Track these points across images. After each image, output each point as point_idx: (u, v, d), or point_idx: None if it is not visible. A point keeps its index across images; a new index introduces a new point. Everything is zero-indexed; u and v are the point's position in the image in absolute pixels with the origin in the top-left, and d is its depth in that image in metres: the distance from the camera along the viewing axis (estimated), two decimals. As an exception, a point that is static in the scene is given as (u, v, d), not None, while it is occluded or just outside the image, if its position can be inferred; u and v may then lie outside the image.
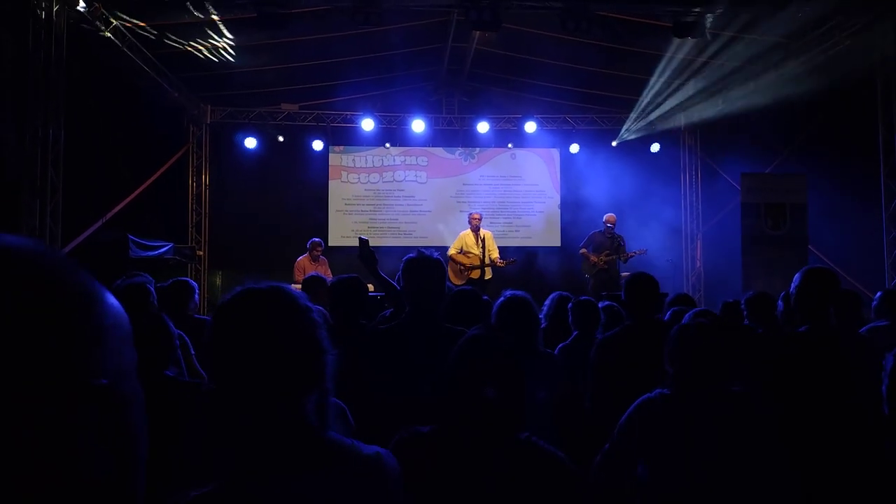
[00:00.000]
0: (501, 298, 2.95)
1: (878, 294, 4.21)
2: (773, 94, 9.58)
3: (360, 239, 3.40)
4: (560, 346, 3.78)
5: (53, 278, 0.46)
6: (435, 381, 1.73)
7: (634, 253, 8.81)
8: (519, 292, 2.98)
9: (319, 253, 8.91)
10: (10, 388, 0.42)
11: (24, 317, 0.43)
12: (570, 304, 4.05)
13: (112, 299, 0.50)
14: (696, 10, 7.43)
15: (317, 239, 9.01)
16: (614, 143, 11.82)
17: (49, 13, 6.91)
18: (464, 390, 1.63)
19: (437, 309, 2.52)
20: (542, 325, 3.47)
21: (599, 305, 4.03)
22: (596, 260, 8.91)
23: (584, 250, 9.17)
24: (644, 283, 3.24)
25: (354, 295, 3.32)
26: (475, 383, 1.61)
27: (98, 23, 7.52)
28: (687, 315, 3.02)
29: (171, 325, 2.63)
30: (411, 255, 2.52)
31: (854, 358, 2.60)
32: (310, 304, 1.19)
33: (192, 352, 3.59)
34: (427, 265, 2.48)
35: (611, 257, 8.84)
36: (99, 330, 0.48)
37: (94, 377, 0.46)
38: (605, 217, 9.22)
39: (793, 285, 2.70)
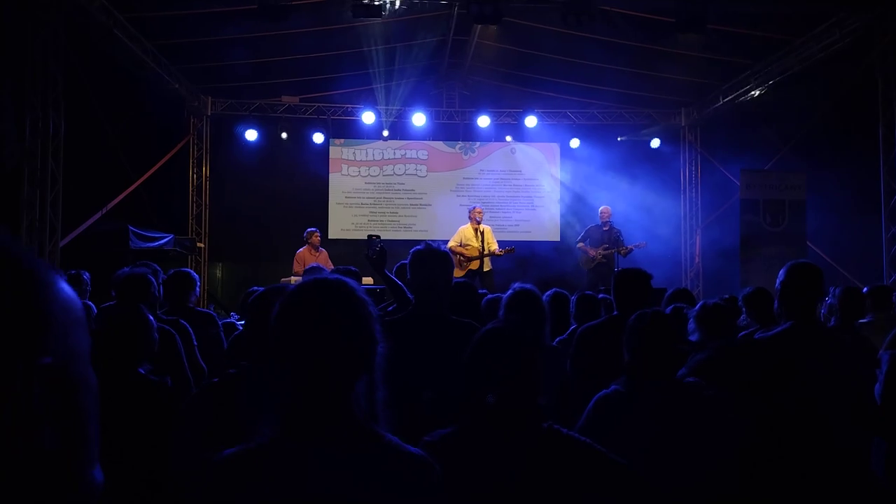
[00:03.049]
0: (510, 291, 2.96)
1: (865, 290, 4.24)
2: (773, 91, 9.59)
3: (370, 238, 3.30)
4: (557, 339, 3.81)
5: (2, 262, 0.49)
6: (455, 378, 1.74)
7: (633, 247, 8.79)
8: (527, 285, 3.00)
9: (318, 241, 8.88)
10: None
11: None
12: (573, 298, 4.07)
13: (63, 286, 0.53)
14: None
15: (313, 228, 8.98)
16: (620, 139, 11.83)
17: (49, 3, 6.89)
18: (483, 385, 1.65)
19: (444, 301, 2.51)
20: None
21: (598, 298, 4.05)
22: (595, 254, 8.91)
23: (581, 244, 9.17)
24: (632, 276, 3.26)
25: None
26: (494, 377, 1.63)
27: (98, 13, 7.51)
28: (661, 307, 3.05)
29: (151, 317, 2.51)
30: (419, 247, 2.52)
31: (841, 354, 2.60)
32: (367, 297, 1.29)
33: (195, 343, 3.60)
34: (434, 257, 2.48)
35: (609, 251, 8.83)
36: (46, 313, 0.50)
37: (39, 357, 0.48)
38: (600, 210, 9.21)
39: (778, 281, 2.67)
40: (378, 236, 3.32)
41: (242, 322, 5.25)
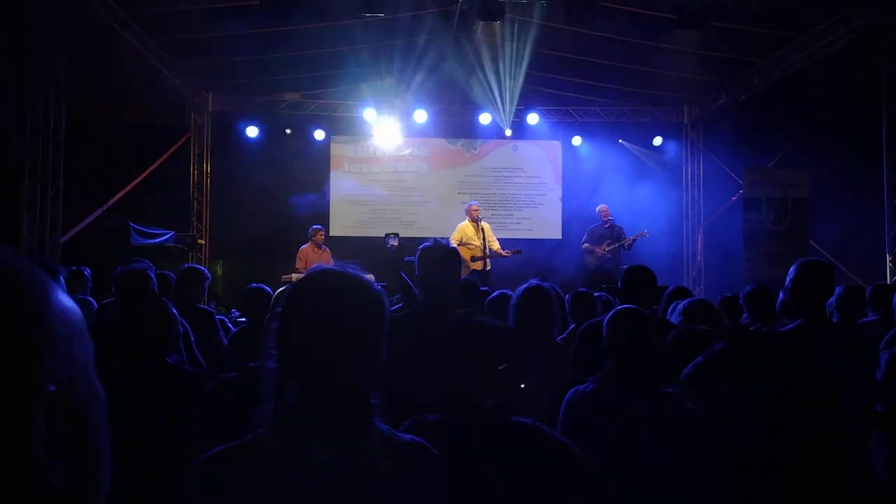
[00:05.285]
0: (525, 285, 2.98)
1: (869, 288, 4.26)
2: (776, 89, 9.55)
3: (387, 236, 3.23)
4: (558, 337, 3.79)
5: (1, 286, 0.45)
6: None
7: (636, 237, 8.79)
8: (545, 283, 3.01)
9: (322, 240, 8.87)
10: None
11: None
12: (567, 296, 4.05)
13: (61, 296, 0.49)
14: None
15: (318, 226, 8.98)
16: (622, 141, 11.80)
17: (51, -1, 6.88)
18: (453, 378, 1.72)
19: (451, 298, 2.50)
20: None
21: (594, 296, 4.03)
22: (601, 252, 8.93)
23: (587, 245, 9.17)
24: (640, 274, 3.26)
25: None
26: (459, 372, 1.71)
27: (99, 9, 7.49)
28: (681, 304, 3.03)
29: (175, 312, 2.63)
30: (427, 244, 2.51)
31: (848, 351, 2.60)
32: (378, 289, 1.26)
33: (193, 339, 3.58)
34: (442, 254, 2.47)
35: (613, 246, 8.87)
36: (45, 333, 0.46)
37: (44, 384, 0.45)
38: (598, 209, 9.23)
39: (788, 278, 2.70)
40: (396, 234, 3.26)
41: (243, 319, 5.24)
